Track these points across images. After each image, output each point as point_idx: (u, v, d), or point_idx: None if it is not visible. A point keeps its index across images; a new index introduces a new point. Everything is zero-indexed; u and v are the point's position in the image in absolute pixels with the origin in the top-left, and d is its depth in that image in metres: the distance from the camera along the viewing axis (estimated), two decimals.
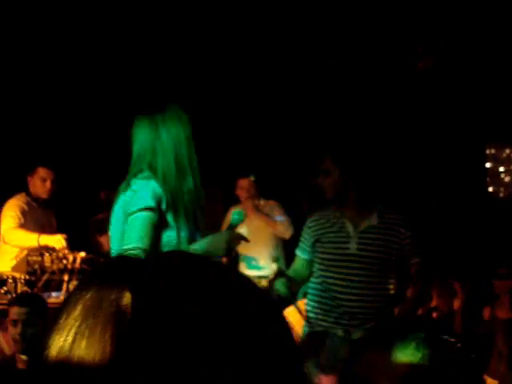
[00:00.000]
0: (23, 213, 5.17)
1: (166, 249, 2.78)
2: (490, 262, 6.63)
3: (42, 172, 5.30)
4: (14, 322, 3.67)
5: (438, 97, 7.61)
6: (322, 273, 3.86)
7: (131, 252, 2.57)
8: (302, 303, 4.39)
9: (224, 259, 5.96)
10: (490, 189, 7.93)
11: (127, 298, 0.64)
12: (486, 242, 7.32)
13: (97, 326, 0.64)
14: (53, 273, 4.24)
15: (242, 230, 6.07)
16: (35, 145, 6.27)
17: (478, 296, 6.27)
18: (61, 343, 0.65)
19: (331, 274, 3.82)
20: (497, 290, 6.17)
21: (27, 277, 4.23)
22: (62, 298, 4.21)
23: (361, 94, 7.54)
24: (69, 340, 0.64)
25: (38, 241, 4.85)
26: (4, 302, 4.21)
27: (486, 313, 6.16)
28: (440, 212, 7.70)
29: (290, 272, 3.98)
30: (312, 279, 3.96)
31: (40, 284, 4.17)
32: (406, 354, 2.64)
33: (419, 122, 7.78)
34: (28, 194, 5.32)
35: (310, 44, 6.97)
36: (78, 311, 0.65)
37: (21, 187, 5.44)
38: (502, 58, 7.02)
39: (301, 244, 4.01)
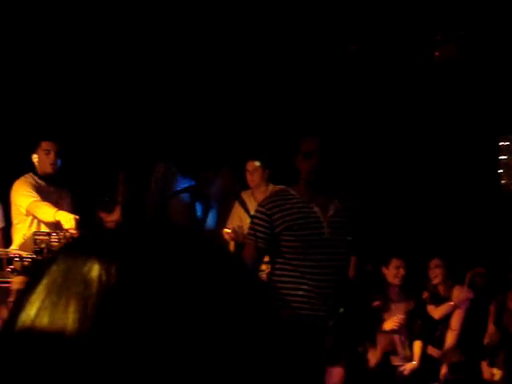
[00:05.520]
0: (35, 189, 5.15)
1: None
2: (503, 255, 6.60)
3: (45, 145, 5.25)
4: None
5: (451, 87, 7.54)
6: (296, 261, 3.70)
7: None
8: None
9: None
10: (503, 181, 7.86)
11: (95, 271, 0.61)
12: (497, 235, 7.27)
13: (60, 300, 0.61)
14: None
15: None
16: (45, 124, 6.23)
17: (489, 287, 6.24)
18: (24, 318, 0.62)
19: (307, 262, 3.69)
20: None
21: (34, 255, 4.24)
22: None
23: (374, 82, 7.49)
24: (31, 315, 0.62)
25: (54, 216, 4.83)
26: (11, 280, 4.22)
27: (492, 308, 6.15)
28: (452, 204, 7.65)
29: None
30: (276, 268, 3.79)
31: None
32: None
33: (432, 112, 7.72)
34: (35, 174, 5.29)
35: (327, 29, 6.92)
36: (42, 286, 0.63)
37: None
38: None
39: (258, 233, 3.73)
